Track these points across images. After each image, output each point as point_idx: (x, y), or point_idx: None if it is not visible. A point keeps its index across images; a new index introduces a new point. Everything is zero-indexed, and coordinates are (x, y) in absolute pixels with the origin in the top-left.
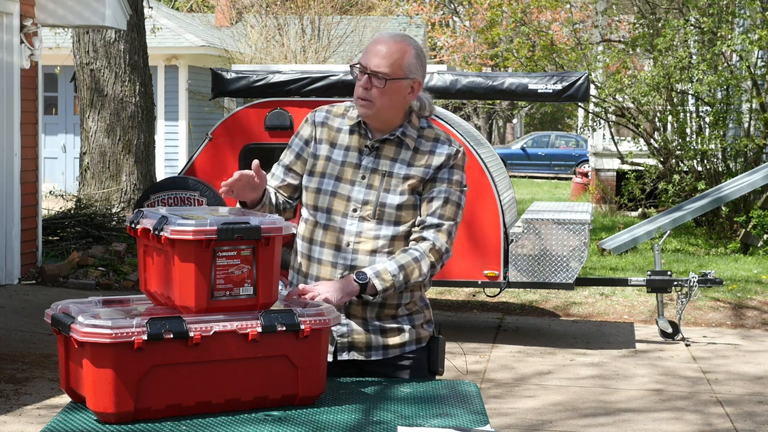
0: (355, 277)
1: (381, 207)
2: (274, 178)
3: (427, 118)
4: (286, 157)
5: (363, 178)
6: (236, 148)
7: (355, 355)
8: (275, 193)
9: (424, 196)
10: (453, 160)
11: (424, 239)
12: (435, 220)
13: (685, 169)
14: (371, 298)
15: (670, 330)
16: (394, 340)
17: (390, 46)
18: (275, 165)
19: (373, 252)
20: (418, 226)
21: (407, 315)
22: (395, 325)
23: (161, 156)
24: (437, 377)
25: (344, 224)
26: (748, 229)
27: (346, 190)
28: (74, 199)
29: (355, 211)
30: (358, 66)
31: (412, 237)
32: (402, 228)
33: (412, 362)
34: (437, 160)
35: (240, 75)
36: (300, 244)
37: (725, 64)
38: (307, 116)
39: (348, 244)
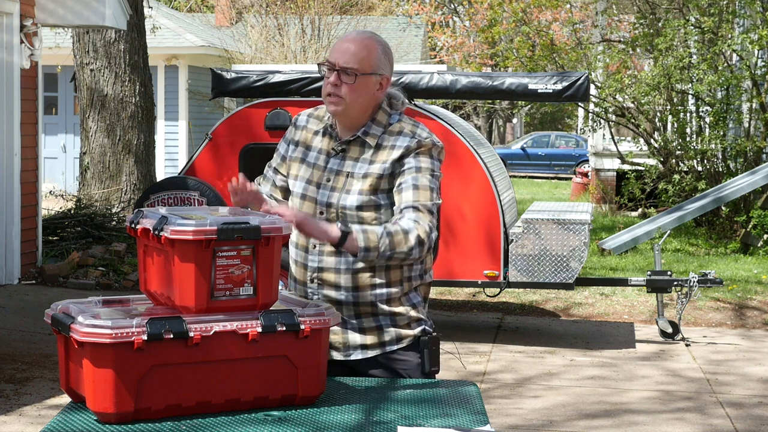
0: (339, 224)
1: (342, 209)
2: (266, 181)
3: (399, 112)
4: (274, 160)
5: (328, 180)
6: (236, 148)
7: (334, 355)
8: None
9: (394, 190)
10: (416, 149)
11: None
12: (411, 204)
13: (685, 169)
14: (353, 257)
15: (670, 330)
16: (372, 339)
17: (357, 43)
18: (266, 167)
19: (338, 253)
20: (396, 214)
21: (389, 314)
22: (374, 324)
23: (161, 156)
24: (435, 377)
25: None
26: (748, 229)
27: (313, 192)
28: (74, 199)
29: (321, 213)
30: (326, 64)
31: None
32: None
33: (402, 363)
34: (395, 154)
35: (240, 75)
36: (290, 246)
37: (725, 64)
38: (293, 118)
39: (314, 246)
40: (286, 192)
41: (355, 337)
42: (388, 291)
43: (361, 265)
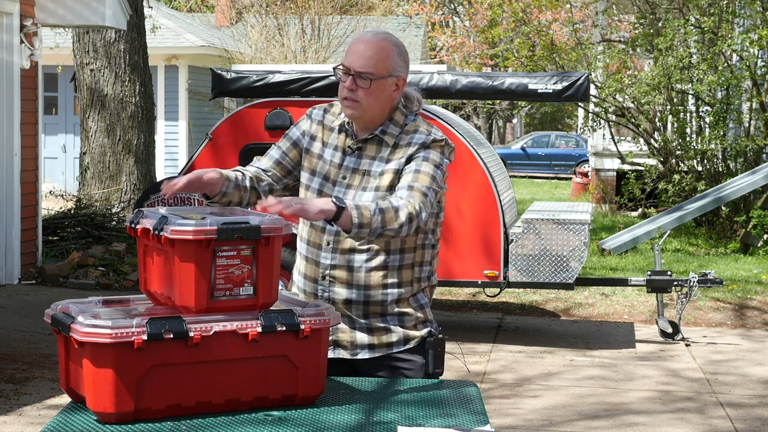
0: (334, 199)
1: None
2: (268, 158)
3: (415, 113)
4: (283, 143)
5: (344, 178)
6: (236, 148)
7: (340, 353)
8: (254, 176)
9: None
10: (429, 144)
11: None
12: (407, 185)
13: (685, 169)
14: (346, 233)
15: (670, 330)
16: (380, 339)
17: (372, 46)
18: (272, 148)
19: (351, 251)
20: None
21: (397, 315)
22: (382, 325)
23: (161, 156)
24: (438, 378)
25: (326, 223)
26: (748, 229)
27: (329, 189)
28: (74, 199)
29: None
30: (341, 68)
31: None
32: None
33: (407, 363)
34: (411, 150)
35: (240, 75)
36: (298, 241)
37: (725, 64)
38: (308, 111)
39: (328, 243)
40: (288, 173)
41: (363, 337)
42: (399, 291)
43: (375, 262)
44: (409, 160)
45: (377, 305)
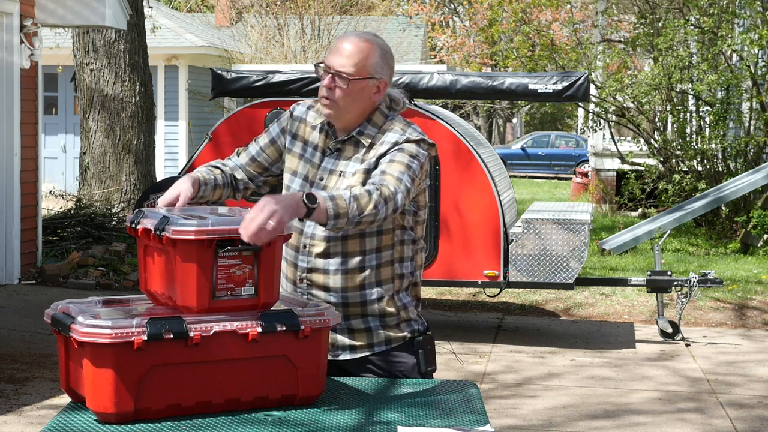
0: (305, 198)
1: None
2: (245, 154)
3: (396, 113)
4: (262, 139)
5: (321, 179)
6: (236, 148)
7: None
8: (232, 174)
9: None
10: (403, 142)
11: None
12: (379, 172)
13: (685, 169)
14: (321, 226)
15: (670, 330)
16: (360, 341)
17: (355, 46)
18: (251, 142)
19: (326, 254)
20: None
21: (378, 315)
22: (363, 326)
23: (161, 156)
24: (432, 376)
25: (303, 225)
26: (748, 229)
27: (308, 190)
28: (74, 199)
29: None
30: (322, 65)
31: None
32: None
33: (397, 364)
34: (382, 149)
35: (240, 75)
36: None
37: (725, 64)
38: (291, 107)
39: (305, 246)
40: (264, 170)
41: (343, 339)
42: (379, 290)
43: (351, 265)
44: (378, 159)
45: (357, 306)
